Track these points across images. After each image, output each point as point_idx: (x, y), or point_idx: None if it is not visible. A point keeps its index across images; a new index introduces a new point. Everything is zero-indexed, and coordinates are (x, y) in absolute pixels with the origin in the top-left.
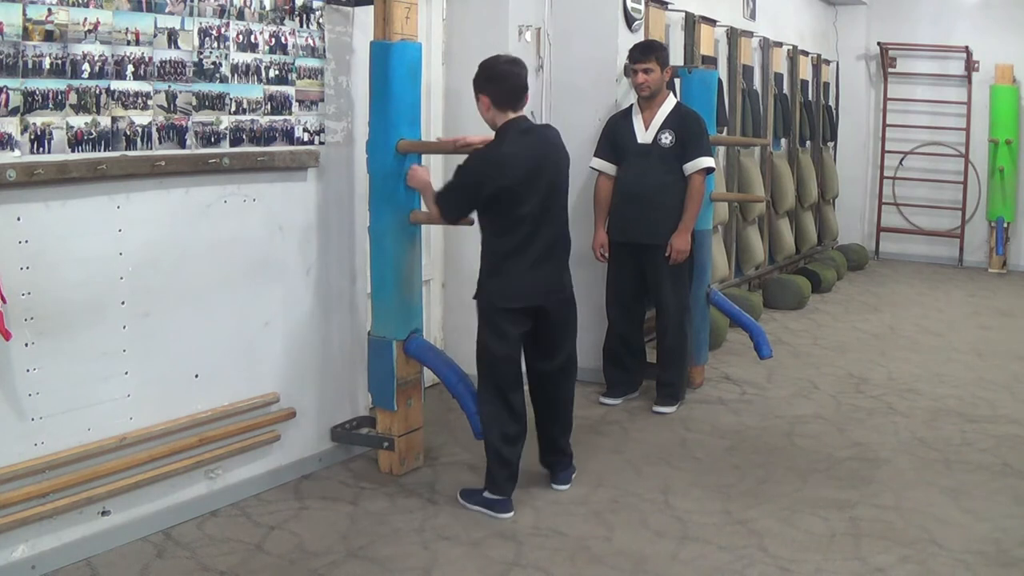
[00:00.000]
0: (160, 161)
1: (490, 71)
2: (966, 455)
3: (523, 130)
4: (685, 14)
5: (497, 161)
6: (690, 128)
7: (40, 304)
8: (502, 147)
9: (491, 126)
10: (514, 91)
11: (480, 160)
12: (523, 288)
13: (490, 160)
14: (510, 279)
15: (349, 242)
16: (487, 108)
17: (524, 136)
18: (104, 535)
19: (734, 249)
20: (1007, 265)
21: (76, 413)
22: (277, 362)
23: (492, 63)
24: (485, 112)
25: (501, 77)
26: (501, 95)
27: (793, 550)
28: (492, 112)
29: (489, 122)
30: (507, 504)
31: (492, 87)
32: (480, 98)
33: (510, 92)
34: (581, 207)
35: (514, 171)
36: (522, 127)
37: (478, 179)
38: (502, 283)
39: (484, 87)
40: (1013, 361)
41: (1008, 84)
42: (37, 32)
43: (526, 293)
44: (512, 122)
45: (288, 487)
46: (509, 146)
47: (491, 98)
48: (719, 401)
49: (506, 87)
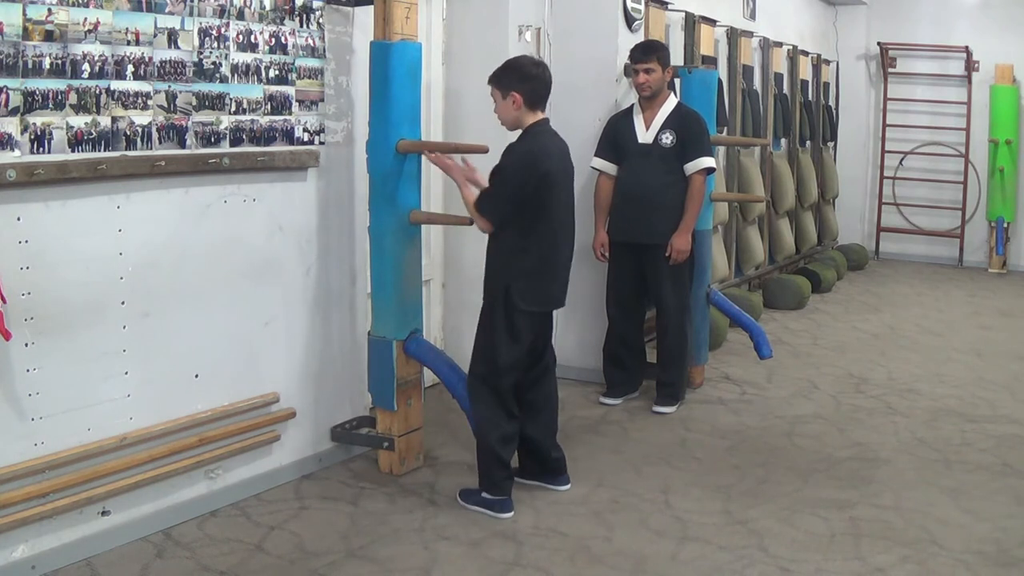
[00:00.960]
0: (160, 161)
1: (523, 71)
2: (966, 455)
3: (552, 132)
4: (685, 14)
5: (537, 154)
6: (691, 128)
7: (40, 304)
8: (538, 142)
9: (514, 124)
10: (545, 92)
11: (521, 155)
12: (552, 292)
13: (531, 153)
14: (541, 281)
15: (349, 242)
16: (518, 107)
17: (554, 138)
18: (104, 535)
19: (734, 249)
20: (1007, 265)
21: (76, 413)
22: (277, 362)
23: (522, 63)
24: (514, 110)
25: (534, 77)
26: (534, 94)
27: (793, 550)
28: (522, 111)
29: (513, 120)
30: (508, 504)
31: (526, 86)
32: (511, 96)
33: (544, 92)
34: (581, 207)
35: (551, 165)
36: (550, 129)
37: (520, 176)
38: (531, 285)
39: (517, 86)
40: (1013, 361)
41: (1008, 84)
42: (37, 32)
43: (555, 296)
44: (543, 122)
45: (288, 487)
46: (546, 141)
47: (524, 97)
48: (719, 401)
49: (540, 86)
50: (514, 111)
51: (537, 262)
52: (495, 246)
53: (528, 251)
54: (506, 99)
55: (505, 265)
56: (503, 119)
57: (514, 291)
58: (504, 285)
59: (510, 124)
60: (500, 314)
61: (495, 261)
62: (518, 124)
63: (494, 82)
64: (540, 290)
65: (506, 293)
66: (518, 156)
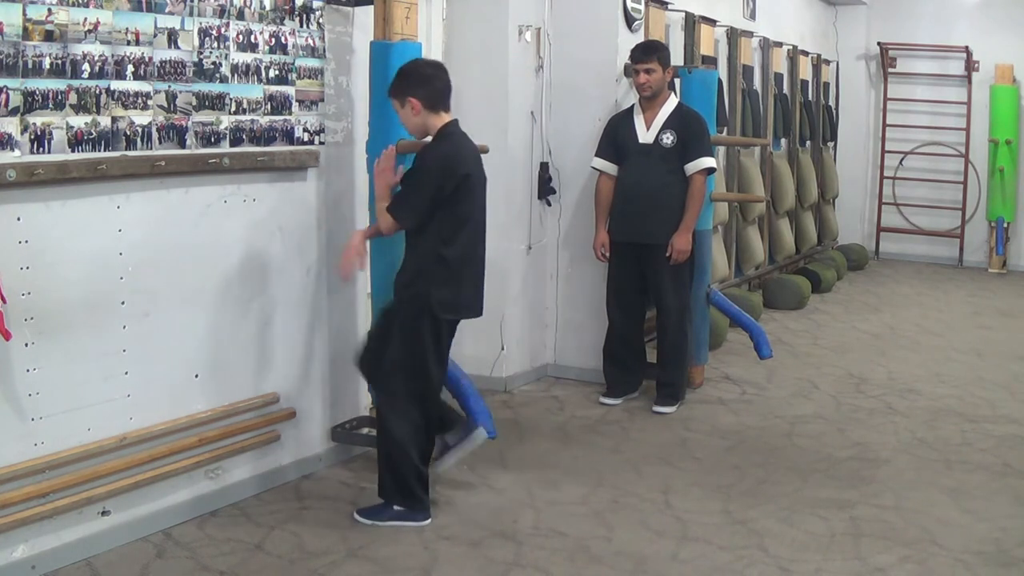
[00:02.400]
0: (160, 161)
1: (416, 75)
2: (966, 455)
3: (464, 134)
4: (685, 14)
5: (455, 156)
6: (691, 128)
7: (40, 304)
8: (454, 143)
9: (421, 130)
10: (445, 91)
11: (435, 157)
12: (471, 299)
13: (449, 156)
14: (460, 289)
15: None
16: (417, 111)
17: (465, 139)
18: (104, 535)
19: (734, 249)
20: (1007, 265)
21: (76, 413)
22: (277, 362)
23: (415, 66)
24: (414, 116)
25: (429, 78)
26: (433, 96)
27: (793, 550)
28: (423, 115)
29: (418, 126)
30: (427, 511)
31: (421, 90)
32: (408, 102)
33: (443, 92)
34: (582, 207)
35: (468, 166)
36: (461, 131)
37: (438, 178)
38: (452, 293)
39: (412, 91)
40: (1013, 361)
41: (1008, 84)
42: (37, 32)
43: (474, 305)
44: (453, 123)
45: (288, 487)
46: (460, 143)
47: (423, 101)
48: (719, 401)
49: (439, 86)
50: (414, 117)
51: (457, 269)
52: (414, 253)
53: (446, 257)
54: (404, 107)
55: (426, 272)
56: (408, 128)
57: (434, 298)
58: (419, 291)
59: (416, 131)
60: (417, 321)
61: (413, 268)
62: (425, 130)
63: (391, 92)
64: (462, 297)
65: (425, 300)
66: (435, 158)
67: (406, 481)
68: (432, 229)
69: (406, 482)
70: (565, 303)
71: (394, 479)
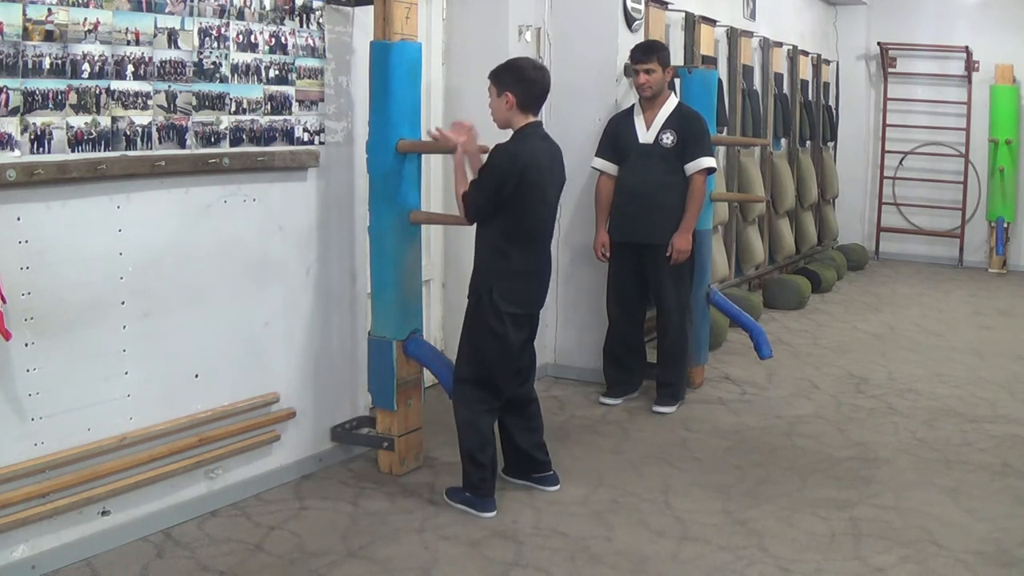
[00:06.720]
0: (160, 161)
1: (521, 73)
2: (966, 455)
3: (543, 136)
4: (685, 14)
5: (520, 155)
6: (692, 128)
7: (40, 304)
8: (527, 144)
9: (504, 123)
10: (541, 96)
11: (505, 155)
12: (532, 295)
13: (515, 154)
14: (522, 283)
15: (349, 242)
16: (510, 106)
17: (544, 142)
18: (104, 535)
19: (734, 249)
20: (1007, 265)
21: (76, 413)
22: (277, 362)
23: (522, 65)
24: (506, 110)
25: (532, 81)
26: (529, 97)
27: (793, 550)
28: (514, 112)
29: (504, 119)
30: (490, 503)
31: (521, 88)
32: (505, 95)
33: (539, 96)
34: (582, 207)
35: (538, 169)
36: (541, 133)
37: (501, 175)
38: (513, 286)
39: (512, 86)
40: (1013, 361)
41: (1008, 84)
42: (37, 32)
43: (534, 299)
44: (534, 125)
45: (288, 487)
46: (533, 145)
47: (518, 99)
48: (719, 401)
49: (536, 91)
50: (506, 110)
51: (519, 265)
52: (480, 246)
53: (509, 253)
54: (500, 97)
55: (488, 266)
56: (495, 116)
57: (496, 292)
58: (488, 285)
59: (501, 122)
60: (483, 315)
61: (480, 261)
62: (508, 124)
63: (492, 78)
64: (521, 292)
65: (489, 294)
66: (502, 156)
67: (466, 466)
68: (497, 224)
69: (469, 472)
70: (565, 303)
71: (463, 466)
